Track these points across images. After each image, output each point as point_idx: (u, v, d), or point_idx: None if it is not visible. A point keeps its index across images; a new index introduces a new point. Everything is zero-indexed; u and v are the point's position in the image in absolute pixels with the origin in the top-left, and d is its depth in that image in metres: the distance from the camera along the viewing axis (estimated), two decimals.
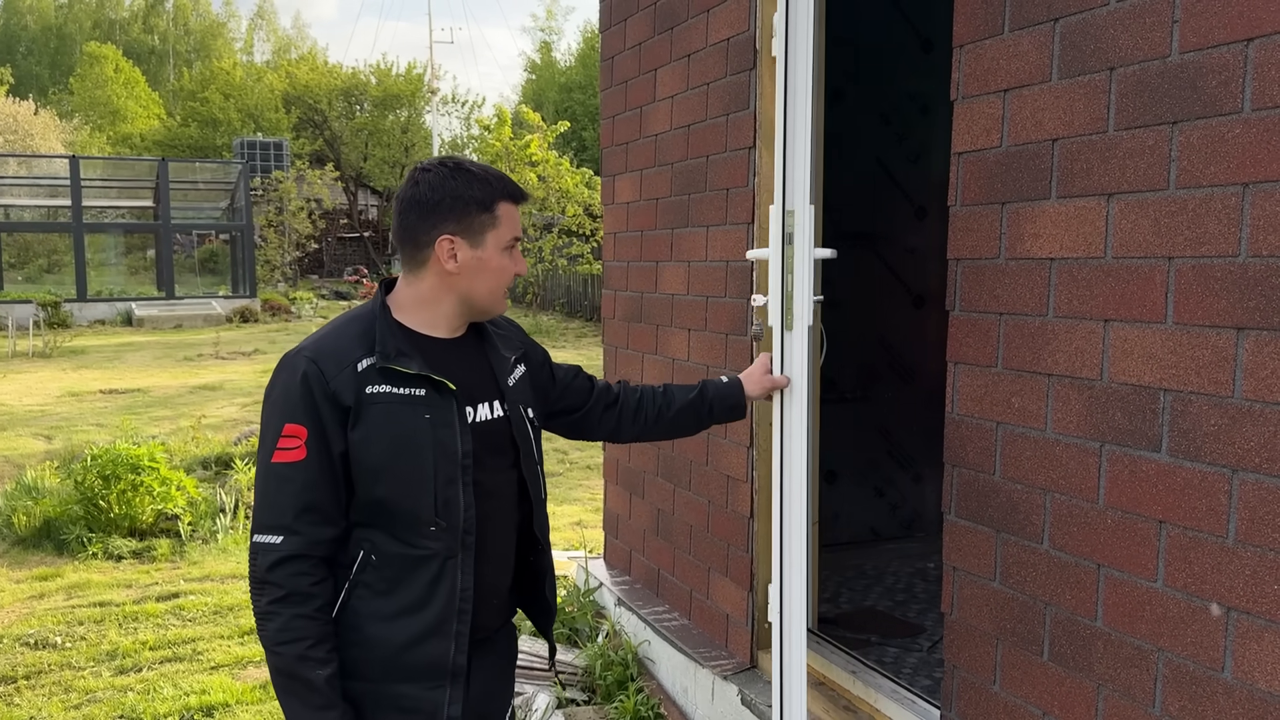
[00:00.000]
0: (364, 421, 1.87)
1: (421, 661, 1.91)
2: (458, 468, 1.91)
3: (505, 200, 1.96)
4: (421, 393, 1.90)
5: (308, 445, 1.85)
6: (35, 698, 4.29)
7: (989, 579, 2.34)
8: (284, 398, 1.87)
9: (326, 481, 1.86)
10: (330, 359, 1.88)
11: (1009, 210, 2.24)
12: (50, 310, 19.61)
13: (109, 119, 50.34)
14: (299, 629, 1.83)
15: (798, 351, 2.45)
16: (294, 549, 1.84)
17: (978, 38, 2.32)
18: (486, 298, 2.00)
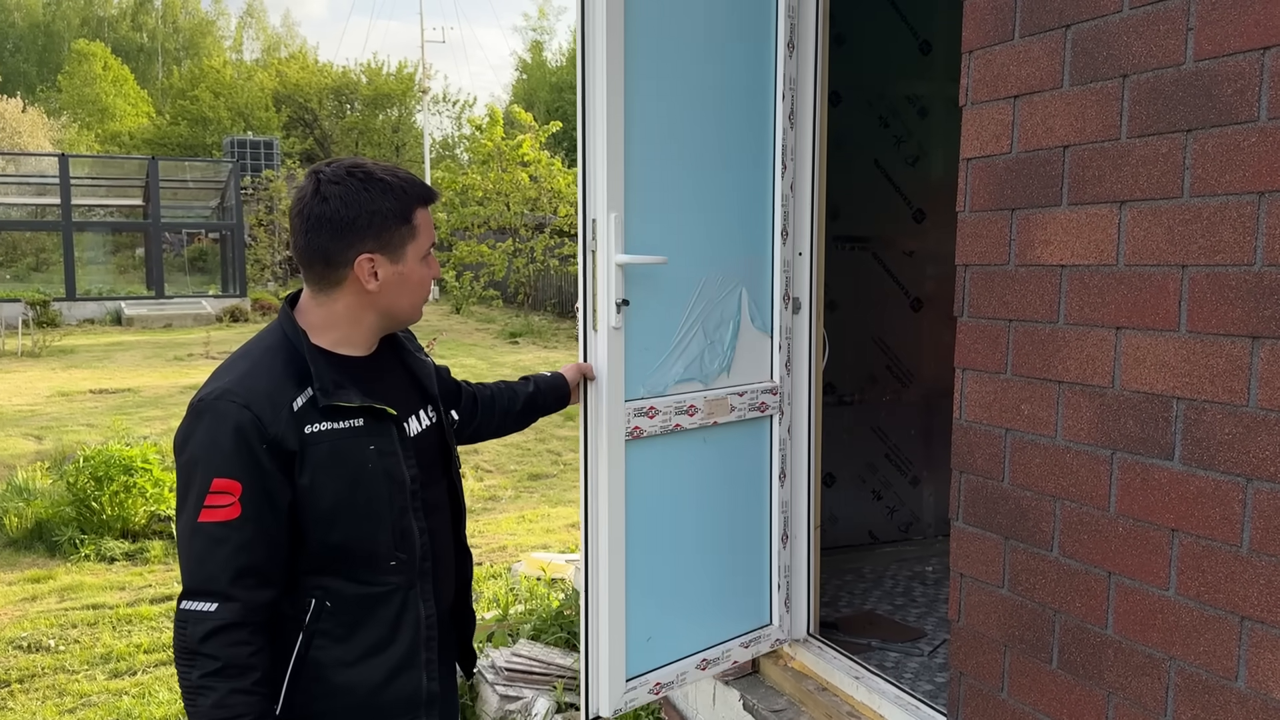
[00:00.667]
0: (309, 465, 1.73)
1: (396, 698, 1.85)
2: (408, 495, 1.84)
3: (420, 206, 1.83)
4: (360, 423, 1.79)
5: (243, 501, 1.67)
6: (29, 701, 4.26)
7: (997, 586, 2.34)
8: (210, 448, 1.69)
9: (264, 540, 1.70)
10: (264, 402, 1.70)
11: (1019, 217, 2.23)
12: (39, 309, 19.49)
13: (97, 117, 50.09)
14: (236, 705, 1.67)
15: (602, 350, 2.64)
16: (231, 617, 1.67)
17: (988, 43, 2.31)
18: (409, 311, 1.90)
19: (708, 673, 3.06)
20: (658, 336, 2.82)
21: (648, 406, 2.79)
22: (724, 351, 2.99)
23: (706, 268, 2.93)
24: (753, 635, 3.18)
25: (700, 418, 2.93)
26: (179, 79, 46.97)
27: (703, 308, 2.92)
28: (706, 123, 2.90)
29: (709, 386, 2.96)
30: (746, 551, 3.15)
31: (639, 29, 2.65)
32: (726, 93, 2.95)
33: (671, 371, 2.86)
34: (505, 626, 4.53)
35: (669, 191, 2.81)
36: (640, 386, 2.78)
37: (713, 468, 3.02)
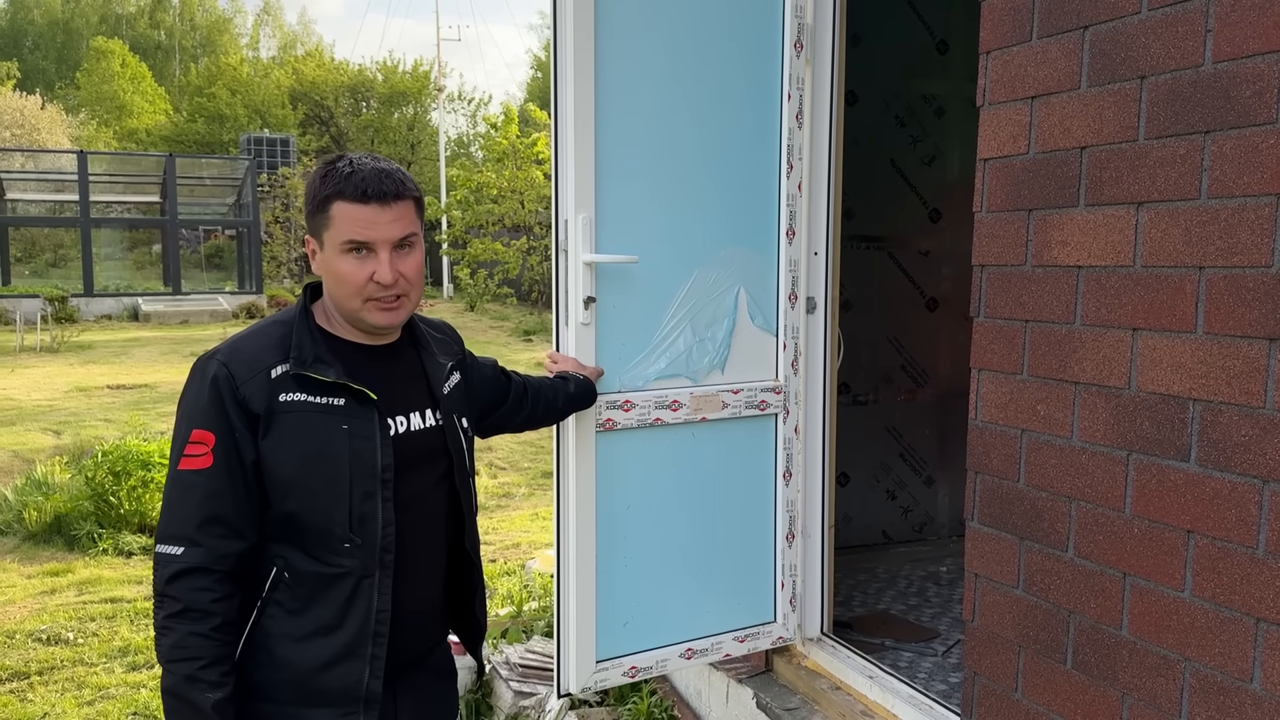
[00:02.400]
0: (275, 431, 1.76)
1: (334, 686, 1.82)
2: (376, 482, 1.81)
3: (341, 199, 1.78)
4: (340, 402, 1.80)
5: (214, 452, 1.73)
6: (48, 694, 4.31)
7: (1012, 586, 2.34)
8: (193, 402, 1.77)
9: (233, 492, 1.74)
10: (243, 364, 1.77)
11: (1036, 217, 2.24)
12: (57, 305, 19.65)
13: (115, 114, 50.41)
14: (192, 647, 1.70)
15: (571, 344, 2.76)
16: (195, 561, 1.72)
17: (1005, 44, 2.31)
18: (342, 303, 1.85)
19: (694, 662, 3.10)
20: (636, 332, 2.89)
21: (623, 400, 2.86)
22: (716, 349, 3.03)
23: (695, 266, 2.98)
24: (750, 631, 3.19)
25: (685, 413, 2.97)
26: (196, 76, 47.23)
27: (691, 305, 2.97)
28: (699, 124, 2.94)
29: (698, 383, 3.00)
30: (744, 547, 3.17)
31: (616, 33, 2.73)
32: (723, 93, 2.97)
33: (653, 367, 2.93)
34: (519, 623, 4.55)
35: (653, 192, 2.88)
36: (615, 380, 2.86)
37: (704, 463, 3.05)
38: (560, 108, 2.68)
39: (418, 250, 1.88)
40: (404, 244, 1.83)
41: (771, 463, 3.19)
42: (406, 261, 1.84)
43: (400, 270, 1.82)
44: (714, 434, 3.06)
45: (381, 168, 1.83)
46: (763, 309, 3.11)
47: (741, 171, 3.04)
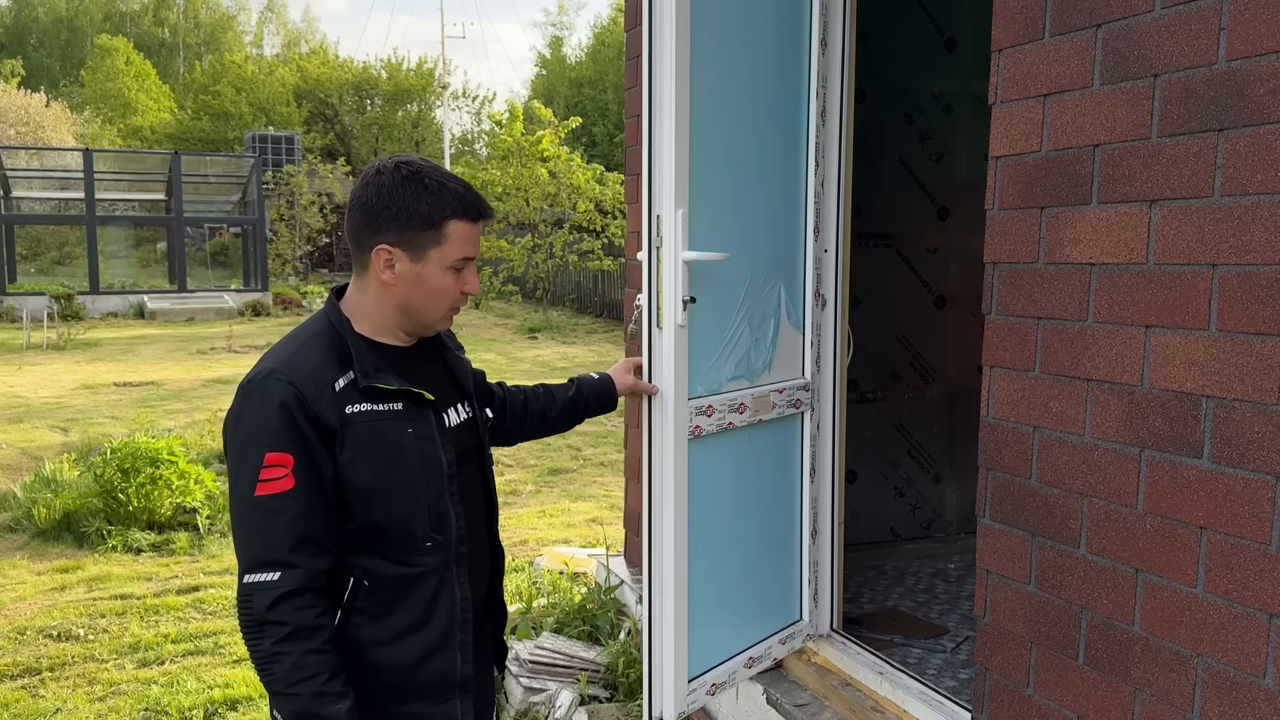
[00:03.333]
0: (349, 443, 1.80)
1: (430, 678, 1.89)
2: (444, 479, 1.89)
3: (457, 219, 1.85)
4: (399, 406, 1.86)
5: (294, 473, 1.74)
6: (60, 689, 4.33)
7: (1024, 583, 2.35)
8: (260, 425, 1.76)
9: (318, 509, 1.77)
10: (307, 380, 1.78)
11: (1048, 215, 2.24)
12: (63, 303, 19.68)
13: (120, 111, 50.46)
14: (310, 665, 1.72)
15: (667, 349, 2.59)
16: (294, 583, 1.73)
17: (1018, 42, 2.32)
18: (425, 314, 1.92)
19: (752, 671, 3.08)
20: (713, 334, 2.80)
21: (706, 405, 2.78)
22: (767, 349, 3.01)
23: (752, 265, 2.93)
24: (787, 632, 3.20)
25: (749, 415, 2.94)
26: (201, 74, 47.27)
27: (750, 304, 2.93)
28: (750, 121, 2.90)
29: (754, 384, 2.98)
30: (780, 548, 3.17)
31: (696, 28, 2.64)
32: (766, 90, 2.95)
33: (725, 369, 2.86)
34: (529, 619, 4.56)
35: (718, 189, 2.79)
36: (699, 385, 2.77)
37: (754, 465, 3.03)
38: (656, 100, 2.54)
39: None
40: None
41: (798, 461, 3.20)
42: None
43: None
44: (765, 435, 3.05)
45: (468, 184, 1.92)
46: (795, 307, 3.12)
47: (779, 168, 3.03)
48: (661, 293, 2.58)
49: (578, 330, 19.81)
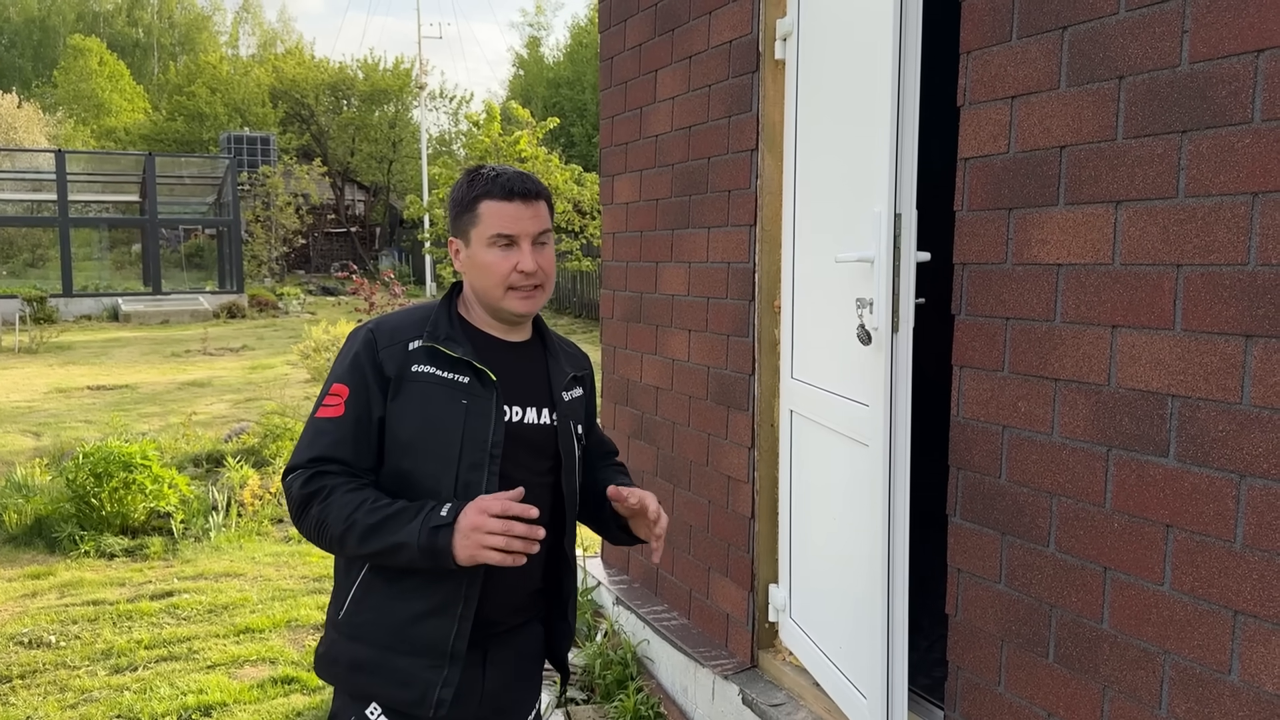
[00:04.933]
0: (402, 395, 1.95)
1: (423, 638, 1.95)
2: (485, 455, 1.95)
3: (489, 199, 1.99)
4: (465, 380, 1.97)
5: (346, 404, 1.95)
6: (31, 697, 4.28)
7: (994, 581, 2.36)
8: (340, 360, 2.01)
9: (356, 438, 1.95)
10: (387, 333, 2.00)
11: (1016, 216, 2.26)
12: (36, 305, 19.49)
13: (93, 112, 49.98)
14: (353, 498, 1.89)
15: (903, 353, 2.52)
16: (320, 463, 1.94)
17: (985, 44, 2.33)
18: (487, 294, 2.03)
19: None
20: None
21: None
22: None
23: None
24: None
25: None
26: (175, 75, 46.89)
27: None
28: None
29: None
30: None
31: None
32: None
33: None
34: None
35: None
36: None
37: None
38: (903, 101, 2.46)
39: (551, 246, 2.05)
40: (541, 239, 2.01)
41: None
42: (543, 254, 2.02)
43: (538, 261, 2.00)
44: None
45: (520, 171, 2.03)
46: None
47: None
48: (900, 295, 2.49)
49: (556, 329, 19.77)
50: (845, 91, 2.76)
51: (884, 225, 2.47)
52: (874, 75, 2.55)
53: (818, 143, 2.97)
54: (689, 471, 3.84)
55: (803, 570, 3.18)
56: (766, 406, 3.35)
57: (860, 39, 2.65)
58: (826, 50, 2.90)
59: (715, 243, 3.57)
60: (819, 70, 2.95)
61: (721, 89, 3.47)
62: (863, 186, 2.63)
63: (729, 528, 3.56)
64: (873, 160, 2.55)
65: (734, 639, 3.52)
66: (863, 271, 2.59)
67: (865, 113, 2.61)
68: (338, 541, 1.92)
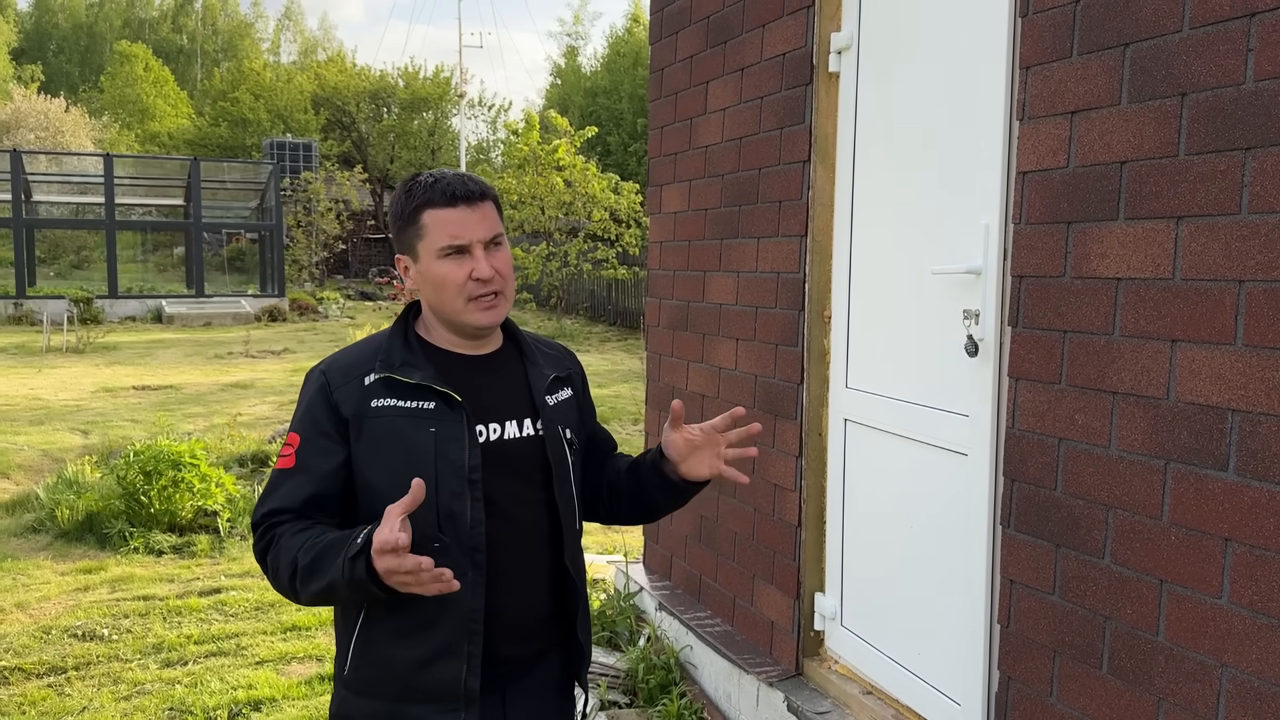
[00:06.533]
0: (365, 435, 1.84)
1: (434, 684, 1.84)
2: (463, 481, 1.83)
3: (431, 207, 1.85)
4: (430, 405, 1.84)
5: (297, 454, 1.85)
6: (86, 688, 4.38)
7: (1047, 592, 2.38)
8: (297, 406, 1.92)
9: (308, 490, 1.85)
10: (339, 371, 1.89)
11: (1075, 230, 2.28)
12: (82, 306, 19.84)
13: (138, 117, 50.85)
14: (299, 538, 1.80)
15: (997, 372, 2.54)
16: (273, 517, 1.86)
17: (1045, 60, 2.36)
18: (447, 310, 1.89)
19: None
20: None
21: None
22: None
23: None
24: None
25: None
26: (219, 80, 47.58)
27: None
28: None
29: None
30: None
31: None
32: None
33: None
34: None
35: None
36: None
37: None
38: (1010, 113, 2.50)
39: (505, 248, 1.92)
40: (493, 242, 1.88)
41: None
42: (498, 258, 1.88)
43: (494, 266, 1.87)
44: None
45: (460, 173, 1.90)
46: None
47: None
48: (1003, 307, 2.50)
49: (591, 338, 19.87)
50: (926, 105, 2.82)
51: (994, 237, 2.50)
52: (975, 88, 2.59)
53: (884, 155, 3.01)
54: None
55: (862, 578, 3.20)
56: (815, 415, 3.37)
57: (950, 53, 2.71)
58: (898, 64, 2.94)
59: (765, 253, 3.61)
60: (886, 83, 2.99)
61: (774, 101, 3.51)
62: (956, 199, 2.68)
63: (774, 536, 3.58)
64: (974, 172, 2.59)
65: (778, 646, 3.55)
66: (961, 283, 2.62)
67: (957, 126, 2.66)
68: (290, 589, 1.81)
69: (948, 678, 2.77)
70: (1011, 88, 2.48)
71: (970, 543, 2.64)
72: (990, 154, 2.52)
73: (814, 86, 3.28)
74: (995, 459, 2.54)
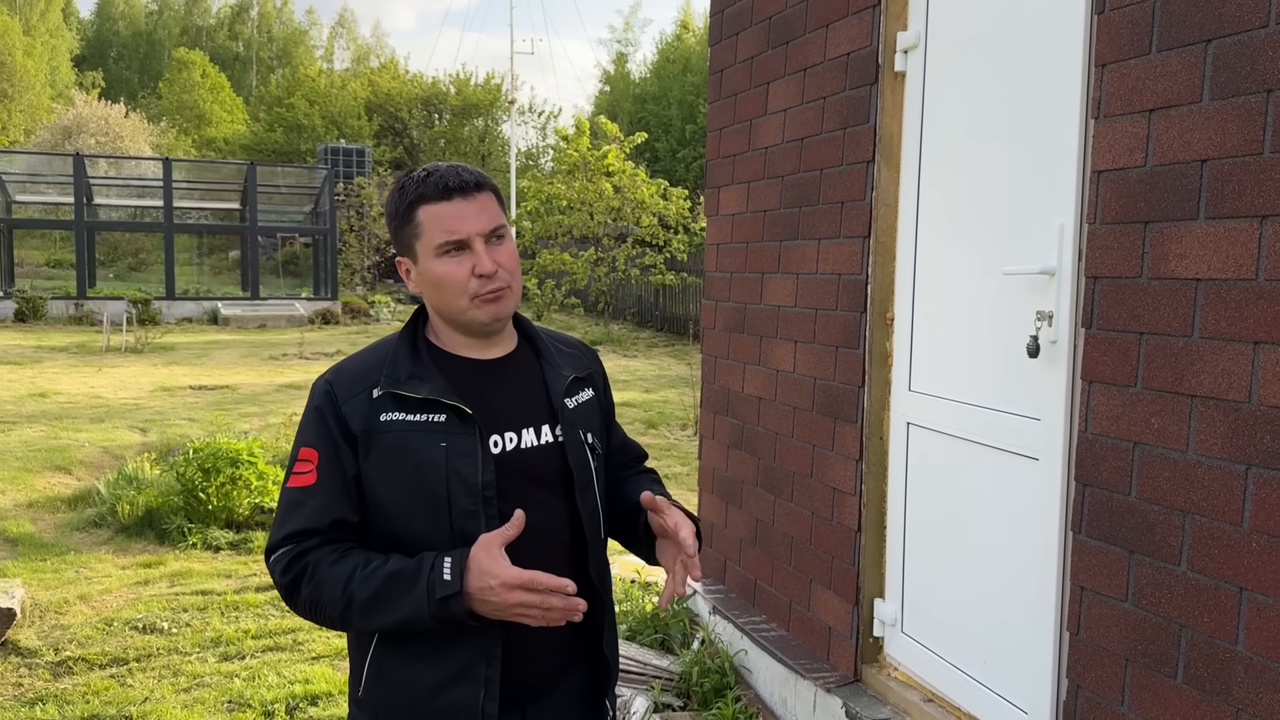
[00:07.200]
0: (375, 452, 1.74)
1: (450, 708, 1.74)
2: (478, 499, 1.73)
3: (425, 203, 1.75)
4: (440, 418, 1.74)
5: (319, 469, 1.74)
6: (147, 680, 4.45)
7: (1120, 600, 2.33)
8: (305, 420, 1.79)
9: (335, 505, 1.75)
10: (347, 383, 1.78)
11: (1153, 230, 2.23)
12: (140, 307, 20.23)
13: (195, 123, 51.89)
14: (343, 568, 1.69)
15: (1071, 376, 2.50)
16: (299, 539, 1.74)
17: (1122, 57, 2.32)
18: (450, 311, 1.80)
19: None
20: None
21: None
22: None
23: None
24: None
25: None
26: (275, 87, 48.38)
27: None
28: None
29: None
30: None
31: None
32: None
33: None
34: None
35: None
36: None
37: None
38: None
39: (509, 240, 1.81)
40: (495, 235, 1.78)
41: None
42: (500, 251, 1.78)
43: (497, 260, 1.77)
44: None
45: (455, 164, 1.80)
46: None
47: None
48: (1077, 311, 2.47)
49: (638, 344, 19.89)
50: (996, 104, 2.79)
51: (1068, 237, 2.47)
52: (1048, 87, 2.56)
53: (951, 155, 2.98)
54: (791, 483, 3.85)
55: (924, 583, 3.16)
56: (876, 419, 3.34)
57: (1022, 51, 2.68)
58: (967, 63, 2.91)
59: (825, 254, 3.58)
60: (955, 82, 2.96)
61: (837, 101, 3.49)
62: (1028, 198, 2.64)
63: (833, 540, 3.55)
64: (1047, 172, 2.56)
65: (836, 652, 3.51)
66: (1033, 284, 2.58)
67: (1028, 125, 2.63)
68: (339, 622, 1.72)
69: (1014, 685, 2.73)
70: (1087, 86, 2.44)
71: (1039, 548, 2.59)
72: (1064, 153, 2.49)
73: (879, 86, 3.26)
74: (1067, 463, 2.50)
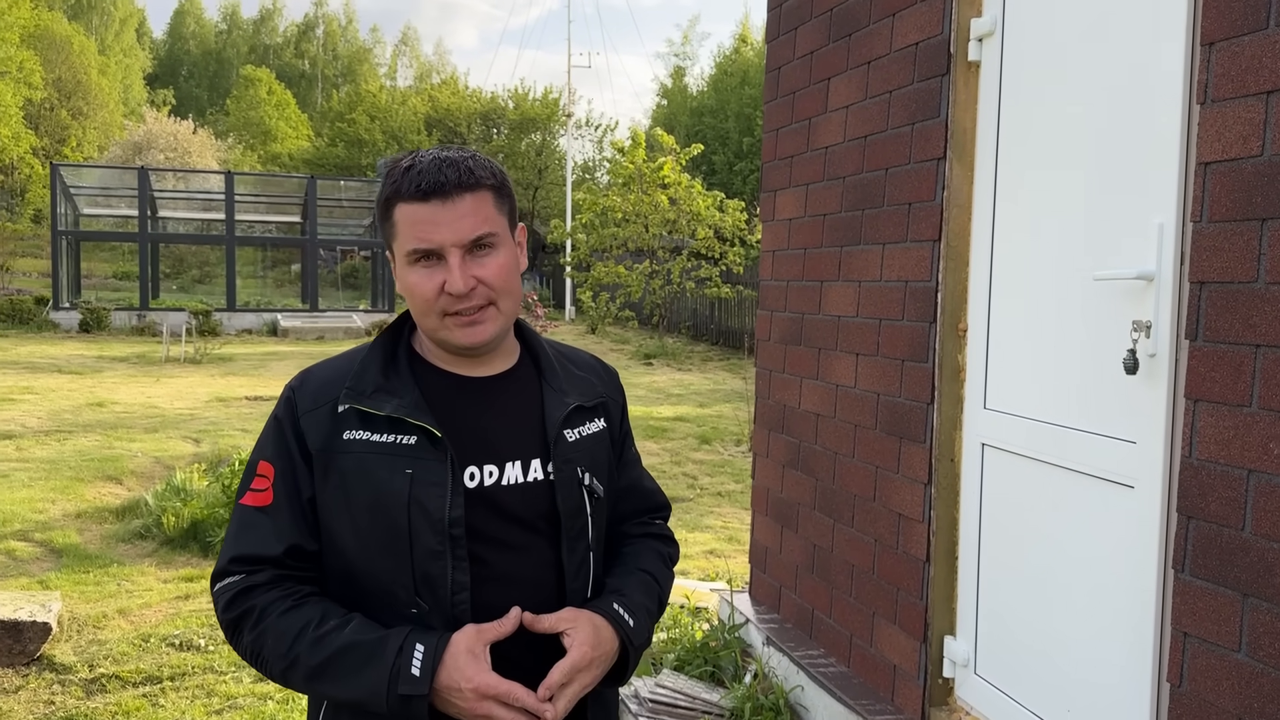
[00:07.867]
0: (331, 476, 1.52)
1: None
2: (444, 538, 1.49)
3: (401, 200, 1.49)
4: (410, 441, 1.50)
5: (275, 488, 1.53)
6: (179, 700, 4.32)
7: (1232, 650, 2.04)
8: (265, 430, 1.59)
9: (290, 529, 1.53)
10: (310, 393, 1.56)
11: (1271, 228, 1.95)
12: (201, 318, 20.49)
13: (260, 139, 52.98)
14: (294, 622, 1.47)
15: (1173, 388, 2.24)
16: (247, 566, 1.53)
17: (1234, 34, 2.04)
18: (424, 327, 1.56)
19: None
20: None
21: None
22: None
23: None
24: None
25: None
26: (337, 103, 49.15)
27: None
28: None
29: None
30: None
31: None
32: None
33: None
34: (647, 654, 4.37)
35: None
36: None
37: None
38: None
39: (501, 250, 1.53)
40: (481, 244, 1.50)
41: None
42: (485, 265, 1.50)
43: (477, 276, 1.50)
44: None
45: (445, 156, 1.51)
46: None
47: None
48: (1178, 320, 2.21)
49: (693, 357, 19.65)
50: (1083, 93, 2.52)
51: (1169, 238, 2.18)
52: (1144, 71, 2.29)
53: (1032, 150, 2.71)
54: (852, 506, 3.58)
55: (1001, 621, 2.88)
56: (946, 439, 3.07)
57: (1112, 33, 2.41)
58: (1049, 49, 2.65)
59: (890, 260, 3.33)
60: (1035, 71, 2.70)
61: (904, 94, 3.24)
62: (1120, 196, 2.37)
63: (898, 571, 3.28)
64: (1143, 165, 2.28)
65: (901, 693, 3.24)
66: (1128, 291, 2.31)
67: (1121, 114, 2.36)
68: (280, 680, 1.50)
69: None
70: (1191, 67, 2.16)
71: (1135, 588, 2.30)
72: (1164, 144, 2.21)
73: (951, 77, 3.00)
74: (1167, 492, 2.21)
